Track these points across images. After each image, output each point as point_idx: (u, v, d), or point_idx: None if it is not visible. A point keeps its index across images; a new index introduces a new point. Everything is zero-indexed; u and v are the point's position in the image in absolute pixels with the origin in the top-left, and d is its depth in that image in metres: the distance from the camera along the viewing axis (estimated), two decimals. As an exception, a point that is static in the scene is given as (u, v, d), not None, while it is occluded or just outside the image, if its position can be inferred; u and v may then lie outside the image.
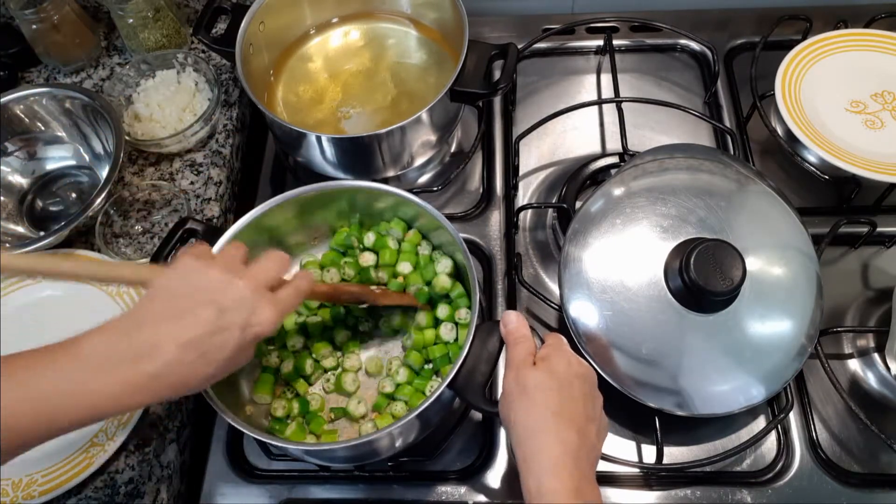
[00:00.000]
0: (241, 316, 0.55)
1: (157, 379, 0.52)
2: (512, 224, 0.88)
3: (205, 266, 0.56)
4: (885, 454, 0.74)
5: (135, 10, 0.93)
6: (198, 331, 0.53)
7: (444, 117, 0.87)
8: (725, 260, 0.66)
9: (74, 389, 0.50)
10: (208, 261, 0.57)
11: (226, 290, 0.55)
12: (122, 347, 0.52)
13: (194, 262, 0.56)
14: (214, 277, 0.55)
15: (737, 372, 0.69)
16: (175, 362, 0.52)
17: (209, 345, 0.53)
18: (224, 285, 0.55)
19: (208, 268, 0.56)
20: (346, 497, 0.75)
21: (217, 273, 0.56)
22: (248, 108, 1.01)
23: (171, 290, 0.55)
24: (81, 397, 0.50)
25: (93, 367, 0.51)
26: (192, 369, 0.53)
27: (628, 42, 1.03)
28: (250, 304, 0.55)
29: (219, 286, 0.55)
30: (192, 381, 0.54)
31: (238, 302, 0.55)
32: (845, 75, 0.91)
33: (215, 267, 0.56)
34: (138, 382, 0.51)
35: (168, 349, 0.52)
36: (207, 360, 0.54)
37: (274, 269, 0.59)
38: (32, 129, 0.91)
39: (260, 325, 0.56)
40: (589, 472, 0.55)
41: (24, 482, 0.71)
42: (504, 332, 0.63)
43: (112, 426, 0.73)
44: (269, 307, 0.56)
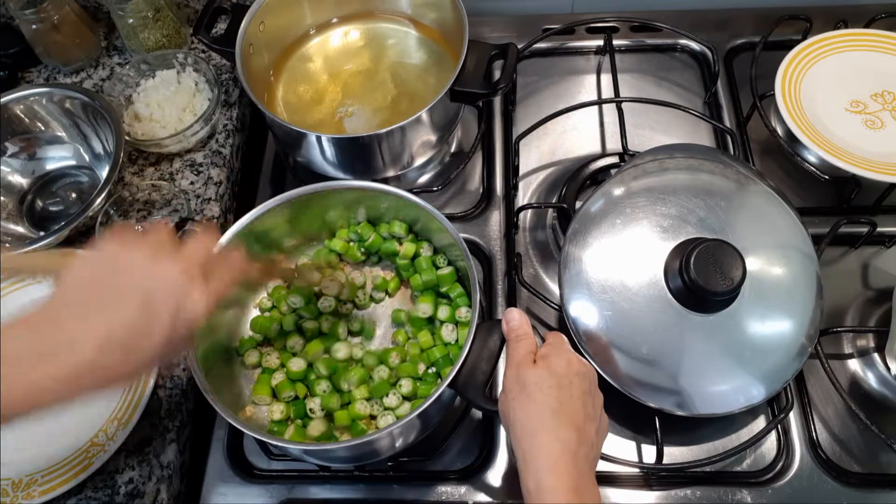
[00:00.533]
0: (170, 302, 0.49)
1: (82, 374, 0.47)
2: (512, 224, 0.88)
3: (128, 247, 0.51)
4: (885, 454, 0.74)
5: (135, 10, 0.93)
6: (121, 324, 0.47)
7: (444, 117, 0.87)
8: (725, 260, 0.66)
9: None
10: (133, 241, 0.51)
11: (153, 274, 0.49)
12: (34, 346, 0.46)
13: (117, 243, 0.51)
14: (140, 259, 0.50)
15: (737, 372, 0.69)
16: (100, 354, 0.47)
17: (134, 340, 0.48)
18: (151, 268, 0.50)
19: (132, 249, 0.50)
20: (346, 497, 0.75)
21: (143, 254, 0.50)
22: (248, 108, 1.01)
23: (92, 276, 0.50)
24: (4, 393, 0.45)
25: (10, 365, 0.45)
26: (114, 368, 0.48)
27: (628, 42, 1.03)
28: (181, 288, 0.50)
29: (145, 269, 0.49)
30: (116, 379, 0.49)
31: (165, 290, 0.49)
32: (845, 75, 0.91)
33: (141, 248, 0.51)
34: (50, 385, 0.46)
35: (86, 348, 0.47)
36: (131, 357, 0.48)
37: (204, 245, 0.54)
38: (32, 129, 0.91)
39: (191, 312, 0.50)
40: (588, 471, 0.55)
41: (24, 482, 0.71)
42: (506, 328, 0.63)
43: (112, 426, 0.73)
44: (199, 292, 0.51)
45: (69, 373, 0.46)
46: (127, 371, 0.49)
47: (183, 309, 0.50)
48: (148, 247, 0.51)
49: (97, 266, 0.50)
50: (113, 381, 0.49)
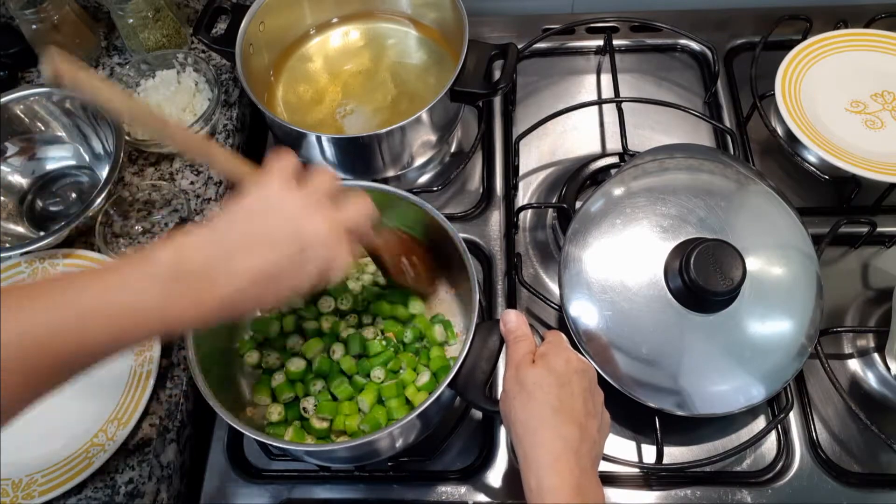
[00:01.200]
0: (321, 257, 0.54)
1: (226, 302, 0.52)
2: (512, 224, 0.88)
3: (291, 193, 0.55)
4: (885, 454, 0.74)
5: (135, 10, 0.93)
6: (277, 264, 0.53)
7: (444, 117, 0.87)
8: (725, 260, 0.66)
9: (146, 306, 0.49)
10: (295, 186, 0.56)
11: (311, 226, 0.54)
12: (198, 268, 0.51)
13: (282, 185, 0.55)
14: (303, 207, 0.55)
15: (737, 372, 0.69)
16: (247, 290, 0.52)
17: (281, 279, 0.54)
18: (310, 218, 0.55)
19: (295, 196, 0.55)
20: (346, 497, 0.75)
21: (307, 202, 0.55)
22: (248, 108, 1.01)
23: (256, 213, 0.55)
24: (151, 313, 0.50)
25: (166, 287, 0.50)
26: (261, 296, 0.54)
27: (628, 42, 1.03)
28: (331, 247, 0.55)
29: (305, 219, 0.54)
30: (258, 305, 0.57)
31: (320, 243, 0.54)
32: (845, 75, 0.91)
33: (303, 196, 0.55)
34: (208, 304, 0.51)
35: (244, 278, 0.52)
36: (277, 290, 0.54)
37: (358, 215, 0.59)
38: (32, 129, 0.91)
39: (335, 269, 0.56)
40: (590, 468, 0.55)
41: (24, 482, 0.71)
42: (504, 330, 0.63)
43: (112, 426, 0.73)
44: (345, 255, 0.56)
45: (227, 294, 0.52)
46: (269, 300, 0.55)
47: (327, 264, 0.55)
48: (312, 195, 0.56)
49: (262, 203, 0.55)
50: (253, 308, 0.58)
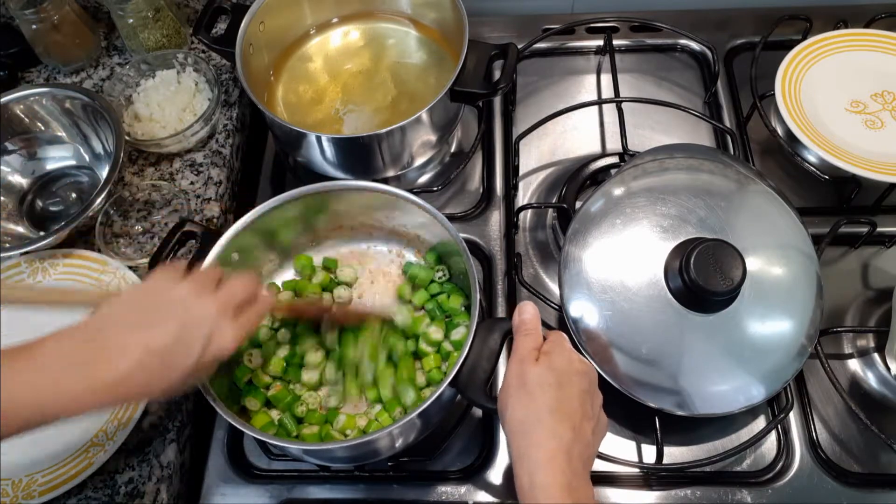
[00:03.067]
0: (203, 333, 0.56)
1: (120, 382, 0.53)
2: (512, 224, 0.88)
3: (174, 282, 0.58)
4: (885, 454, 0.74)
5: (135, 10, 0.93)
6: (164, 340, 0.54)
7: (444, 117, 0.87)
8: (725, 260, 0.66)
9: (36, 393, 0.51)
10: (179, 278, 0.59)
11: (192, 307, 0.57)
12: (85, 351, 0.53)
13: (163, 278, 0.59)
14: (182, 294, 0.57)
15: (737, 372, 0.69)
16: (139, 368, 0.53)
17: (172, 354, 0.55)
18: (191, 302, 0.57)
19: (177, 284, 0.58)
20: (346, 497, 0.75)
21: (185, 290, 0.58)
22: (248, 108, 1.01)
23: (138, 300, 0.58)
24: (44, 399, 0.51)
25: (54, 371, 0.52)
26: (153, 377, 0.55)
27: (628, 42, 1.03)
28: (213, 322, 0.57)
29: (186, 302, 0.57)
30: (152, 388, 0.55)
31: (202, 319, 0.57)
32: (845, 75, 0.91)
33: (185, 284, 0.58)
34: (102, 383, 0.52)
35: (133, 354, 0.53)
36: (169, 369, 0.55)
37: (242, 291, 0.61)
38: (32, 129, 0.91)
39: (220, 343, 0.57)
40: (582, 469, 0.55)
41: (24, 482, 0.71)
42: (517, 320, 0.64)
43: (112, 426, 0.73)
44: (230, 329, 0.58)
45: (115, 377, 0.53)
46: (164, 381, 0.55)
47: (214, 340, 0.57)
48: (192, 284, 0.58)
49: (142, 293, 0.58)
50: (145, 394, 0.56)
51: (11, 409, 0.50)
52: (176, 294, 0.57)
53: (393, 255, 0.84)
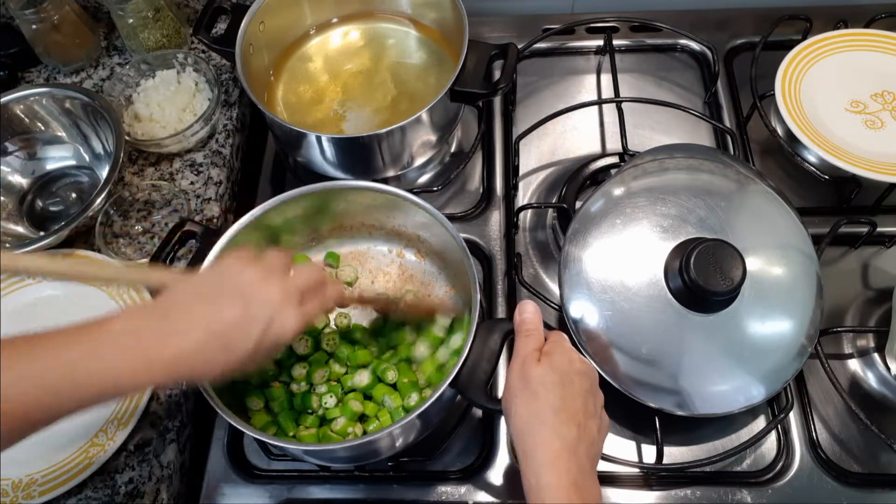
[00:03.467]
0: (266, 315, 0.56)
1: (179, 360, 0.53)
2: (512, 224, 0.88)
3: (242, 265, 0.58)
4: (885, 454, 0.74)
5: (135, 10, 0.93)
6: (225, 320, 0.55)
7: (444, 117, 0.87)
8: (725, 260, 0.66)
9: (100, 365, 0.51)
10: (249, 261, 0.59)
11: (257, 289, 0.57)
12: (152, 327, 0.54)
13: (232, 262, 0.59)
14: (249, 276, 0.57)
15: (737, 372, 0.69)
16: (200, 347, 0.54)
17: (233, 336, 0.55)
18: (256, 284, 0.57)
19: (245, 267, 0.58)
20: (346, 497, 0.75)
21: (253, 273, 0.57)
22: (248, 108, 1.01)
23: (202, 282, 0.59)
24: (106, 373, 0.51)
25: (121, 345, 0.52)
26: (212, 356, 0.55)
27: (628, 42, 1.03)
28: (277, 306, 0.57)
29: (251, 284, 0.57)
30: (210, 368, 0.56)
31: (266, 302, 0.56)
32: (845, 75, 0.91)
33: (253, 267, 0.58)
34: (162, 362, 0.53)
35: (196, 333, 0.54)
36: (228, 351, 0.55)
37: (308, 279, 0.61)
38: (32, 129, 0.91)
39: (282, 328, 0.57)
40: (588, 467, 0.56)
41: (24, 482, 0.71)
42: (518, 320, 0.64)
43: (112, 426, 0.73)
44: (293, 314, 0.58)
45: (175, 354, 0.53)
46: (222, 362, 0.55)
47: (275, 325, 0.56)
48: (261, 268, 0.58)
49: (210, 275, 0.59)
50: (206, 372, 0.57)
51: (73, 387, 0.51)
52: (243, 277, 0.57)
53: (393, 255, 0.84)
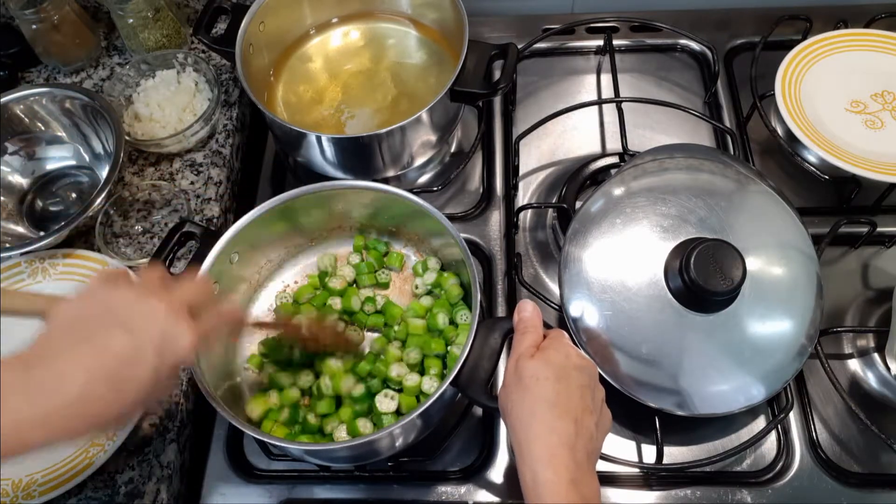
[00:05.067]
0: (152, 337, 0.50)
1: (58, 416, 0.46)
2: (512, 224, 0.88)
3: (114, 287, 0.52)
4: (885, 454, 0.74)
5: (135, 10, 0.93)
6: (105, 357, 0.48)
7: (444, 117, 0.87)
8: (725, 260, 0.66)
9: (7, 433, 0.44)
10: (121, 282, 0.52)
11: (137, 311, 0.50)
12: (17, 382, 0.46)
13: (102, 283, 0.52)
14: (125, 298, 0.51)
15: (737, 372, 0.69)
16: (81, 396, 0.47)
17: (119, 374, 0.48)
18: (136, 306, 0.51)
19: (118, 288, 0.51)
20: (346, 497, 0.75)
21: (128, 293, 0.51)
22: (248, 108, 1.01)
23: (77, 314, 0.50)
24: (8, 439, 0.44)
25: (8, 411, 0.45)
26: (103, 402, 0.48)
27: (628, 42, 1.03)
28: (164, 324, 0.51)
29: (130, 307, 0.50)
30: (104, 417, 0.48)
31: (149, 322, 0.50)
32: (845, 75, 0.91)
33: (127, 288, 0.52)
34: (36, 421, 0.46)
35: (74, 380, 0.47)
36: (120, 391, 0.48)
37: (193, 290, 0.56)
38: (32, 129, 0.91)
39: (176, 346, 0.51)
40: (586, 463, 0.55)
41: (24, 482, 0.71)
42: (517, 318, 0.64)
43: (112, 426, 0.73)
44: (185, 328, 0.52)
45: (58, 406, 0.46)
46: (116, 406, 0.49)
47: (168, 342, 0.50)
48: (136, 287, 0.52)
49: (84, 305, 0.51)
50: (102, 418, 0.49)
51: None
52: (118, 298, 0.51)
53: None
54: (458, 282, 0.77)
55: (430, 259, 0.80)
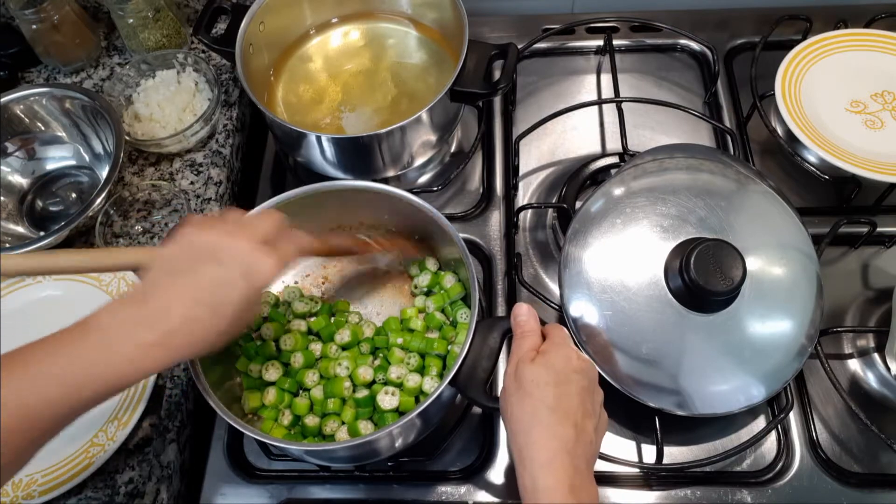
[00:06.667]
0: (239, 267, 0.57)
1: (172, 338, 0.54)
2: (512, 224, 0.88)
3: (200, 231, 0.58)
4: (885, 454, 0.74)
5: (135, 10, 0.93)
6: (202, 286, 0.55)
7: (444, 117, 0.87)
8: (725, 260, 0.66)
9: (95, 361, 0.52)
10: (205, 224, 0.59)
11: (224, 246, 0.57)
12: (134, 314, 0.54)
13: (190, 229, 0.59)
14: (212, 237, 0.58)
15: (737, 372, 0.69)
16: (187, 319, 0.54)
17: (215, 298, 0.55)
18: (222, 242, 0.57)
19: (203, 232, 0.58)
20: (346, 497, 0.75)
21: (213, 235, 0.58)
22: (248, 108, 1.01)
23: (172, 257, 0.58)
24: (103, 367, 0.52)
25: (109, 338, 0.53)
26: (204, 325, 0.55)
27: (628, 42, 1.03)
28: (247, 255, 0.57)
29: (217, 244, 0.57)
30: (207, 336, 0.56)
31: (235, 256, 0.57)
32: (845, 75, 0.91)
33: (211, 230, 0.58)
34: (155, 343, 0.53)
35: (177, 308, 0.54)
36: (218, 314, 0.56)
37: (268, 224, 0.61)
38: (32, 129, 0.91)
39: (261, 273, 0.58)
40: (585, 468, 0.55)
41: (25, 482, 0.71)
42: (513, 323, 0.64)
43: (112, 426, 0.73)
44: (268, 258, 0.58)
45: (172, 329, 0.54)
46: (217, 327, 0.56)
47: (254, 272, 0.57)
48: (219, 227, 0.59)
49: (178, 247, 0.58)
50: (208, 338, 0.56)
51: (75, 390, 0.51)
52: (207, 240, 0.58)
53: (393, 255, 0.84)
54: (456, 279, 0.77)
55: (429, 259, 0.80)
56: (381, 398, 0.71)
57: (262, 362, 0.74)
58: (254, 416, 0.74)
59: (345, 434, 0.70)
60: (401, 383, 0.71)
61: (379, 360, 0.74)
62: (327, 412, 0.71)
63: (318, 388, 0.73)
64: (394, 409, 0.70)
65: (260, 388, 0.74)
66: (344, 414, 0.71)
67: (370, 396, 0.71)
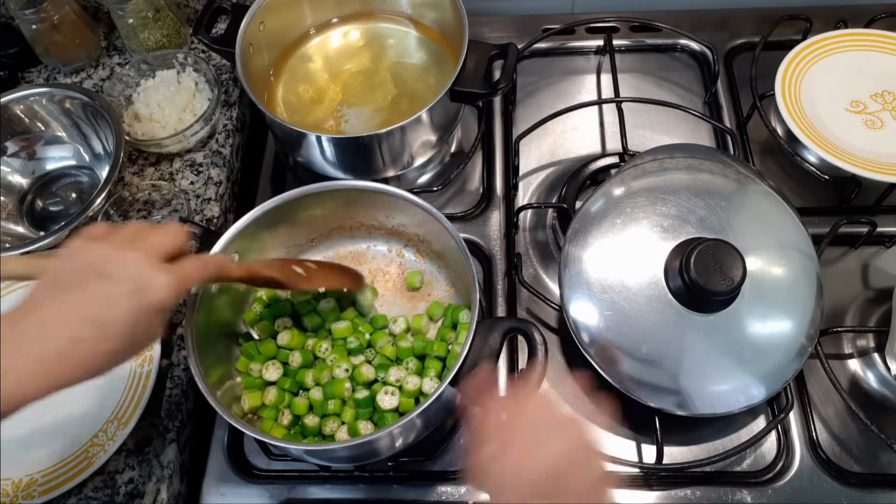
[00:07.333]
0: (129, 282, 0.52)
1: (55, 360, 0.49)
2: (512, 224, 0.88)
3: (91, 243, 0.55)
4: (885, 454, 0.74)
5: (135, 10, 0.93)
6: (86, 303, 0.51)
7: (444, 117, 0.87)
8: (725, 260, 0.66)
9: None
10: (97, 238, 0.55)
11: (112, 261, 0.53)
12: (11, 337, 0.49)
13: (82, 241, 0.55)
14: (101, 252, 0.54)
15: (737, 372, 0.69)
16: (70, 339, 0.50)
17: (101, 317, 0.51)
18: (110, 257, 0.53)
19: (94, 244, 0.55)
20: (346, 497, 0.75)
21: (103, 247, 0.54)
22: (248, 108, 1.01)
23: (58, 271, 0.54)
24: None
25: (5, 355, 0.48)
26: (90, 346, 0.51)
27: (628, 42, 1.03)
28: (140, 270, 0.53)
29: (105, 258, 0.53)
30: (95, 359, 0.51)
31: (125, 270, 0.53)
32: (845, 75, 0.91)
33: (102, 242, 0.55)
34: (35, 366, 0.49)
35: (57, 326, 0.50)
36: (103, 334, 0.51)
37: (168, 239, 0.57)
38: (32, 129, 0.91)
39: (152, 288, 0.53)
40: None
41: (24, 482, 0.71)
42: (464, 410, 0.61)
43: (112, 426, 0.73)
44: (161, 272, 0.54)
45: (48, 352, 0.49)
46: (102, 347, 0.51)
47: (148, 289, 0.53)
48: (111, 240, 0.55)
49: (65, 261, 0.54)
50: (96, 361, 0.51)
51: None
52: (98, 254, 0.53)
53: (393, 255, 0.84)
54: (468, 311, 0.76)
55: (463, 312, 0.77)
56: (381, 398, 0.71)
57: (263, 362, 0.74)
58: (254, 415, 0.74)
59: (345, 434, 0.70)
60: (400, 386, 0.71)
61: (378, 359, 0.74)
62: (327, 413, 0.72)
63: (318, 389, 0.73)
64: (394, 410, 0.70)
65: (260, 387, 0.74)
66: (344, 414, 0.71)
67: (370, 397, 0.71)
